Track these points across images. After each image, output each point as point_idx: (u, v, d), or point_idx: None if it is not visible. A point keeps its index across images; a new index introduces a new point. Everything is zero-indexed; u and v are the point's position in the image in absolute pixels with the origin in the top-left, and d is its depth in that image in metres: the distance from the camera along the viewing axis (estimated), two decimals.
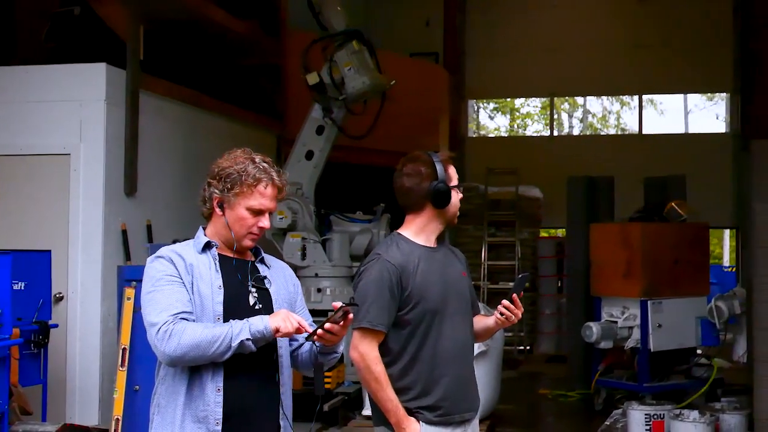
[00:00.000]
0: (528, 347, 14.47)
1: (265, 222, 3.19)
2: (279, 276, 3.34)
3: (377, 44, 9.48)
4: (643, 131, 18.37)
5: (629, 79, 17.51)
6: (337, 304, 3.05)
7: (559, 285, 14.50)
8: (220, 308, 3.09)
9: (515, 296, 3.70)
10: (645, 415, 7.98)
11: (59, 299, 7.41)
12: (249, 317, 3.05)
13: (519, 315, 3.75)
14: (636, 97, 19.10)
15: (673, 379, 9.54)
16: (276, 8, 11.80)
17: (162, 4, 8.80)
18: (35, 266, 6.71)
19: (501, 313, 3.73)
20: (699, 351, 9.98)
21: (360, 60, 9.12)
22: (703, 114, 23.53)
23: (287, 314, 3.05)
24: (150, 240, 8.18)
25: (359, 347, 3.58)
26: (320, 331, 3.05)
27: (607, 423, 8.47)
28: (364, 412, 8.15)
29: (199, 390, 3.04)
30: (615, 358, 9.75)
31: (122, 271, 6.61)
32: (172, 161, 8.90)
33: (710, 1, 16.83)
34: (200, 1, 9.41)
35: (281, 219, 8.76)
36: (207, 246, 3.20)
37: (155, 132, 8.45)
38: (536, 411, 10.59)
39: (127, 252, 7.82)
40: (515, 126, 25.23)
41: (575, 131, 23.77)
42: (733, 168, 16.67)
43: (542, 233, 17.34)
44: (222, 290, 3.12)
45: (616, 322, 9.36)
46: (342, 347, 3.30)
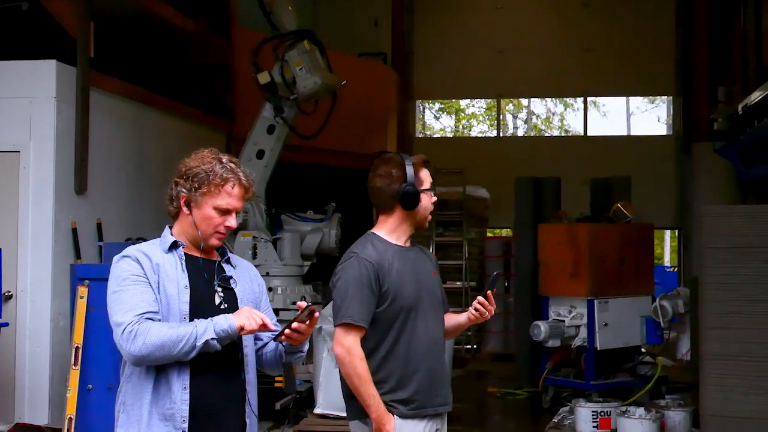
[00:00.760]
0: (475, 346, 14.60)
1: (232, 221, 3.22)
2: (244, 276, 3.37)
3: (326, 44, 9.50)
4: (588, 132, 18.67)
5: (575, 82, 17.76)
6: (303, 304, 3.11)
7: (506, 284, 14.66)
8: (186, 308, 3.11)
9: (489, 293, 3.80)
10: (592, 412, 8.15)
11: (8, 298, 7.32)
12: (214, 316, 3.08)
13: (492, 311, 3.85)
14: (579, 100, 19.39)
15: (619, 377, 9.71)
16: (224, 6, 11.76)
17: (112, 1, 8.73)
18: None
19: (476, 309, 3.83)
20: (643, 349, 10.16)
21: (311, 60, 9.14)
22: (645, 116, 23.97)
23: (250, 312, 3.08)
24: (100, 238, 8.11)
25: (344, 343, 3.65)
26: (287, 331, 3.10)
27: (555, 420, 8.63)
28: (316, 410, 8.17)
29: (166, 388, 3.06)
30: (562, 357, 9.90)
31: (75, 270, 6.55)
32: (123, 160, 8.83)
33: (653, 6, 17.15)
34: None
35: None
36: (173, 245, 3.22)
37: (105, 130, 8.38)
38: (485, 409, 10.70)
39: (78, 250, 7.74)
40: (460, 126, 25.42)
41: (519, 132, 24.04)
42: (676, 170, 17.00)
43: (489, 233, 17.52)
44: (188, 290, 3.14)
45: (564, 321, 9.50)
46: (307, 346, 3.34)
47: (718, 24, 15.25)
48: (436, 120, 24.32)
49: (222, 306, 3.19)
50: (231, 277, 3.30)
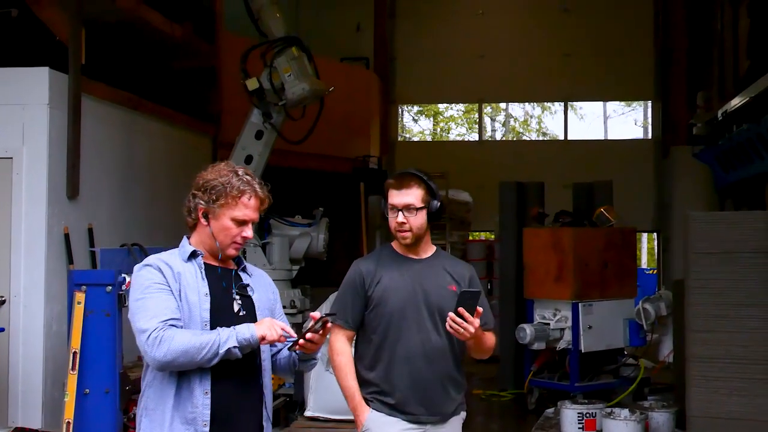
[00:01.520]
0: None
1: (249, 232, 3.34)
2: (260, 284, 3.50)
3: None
4: (567, 137, 18.87)
5: (555, 87, 17.95)
6: (316, 315, 3.24)
7: (489, 287, 14.79)
8: (207, 315, 3.23)
9: (461, 310, 3.74)
10: (578, 414, 8.25)
11: (1, 303, 7.37)
12: (233, 323, 3.20)
13: (470, 329, 3.76)
14: (557, 102, 19.58)
15: (603, 379, 9.87)
16: (211, 12, 11.82)
17: (99, 7, 8.78)
18: None
19: (450, 326, 3.80)
20: (626, 351, 10.33)
21: (299, 66, 9.23)
22: (621, 119, 24.18)
23: (272, 322, 3.21)
24: (91, 243, 8.16)
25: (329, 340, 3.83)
26: (301, 341, 3.22)
27: (541, 421, 8.74)
28: (306, 413, 8.25)
29: (188, 393, 3.17)
30: (546, 359, 10.04)
31: (72, 276, 6.61)
32: (112, 165, 8.88)
33: (633, 12, 17.37)
34: (137, 5, 9.40)
35: None
36: (192, 255, 3.33)
37: (96, 136, 8.43)
38: (470, 410, 10.76)
39: (70, 255, 7.80)
40: (438, 129, 25.52)
41: (498, 135, 24.20)
42: (654, 173, 17.21)
43: (471, 236, 17.65)
44: (209, 298, 3.26)
45: (549, 324, 9.64)
46: (319, 353, 3.46)
47: (696, 30, 15.48)
48: (415, 123, 24.42)
49: (240, 313, 3.32)
50: (248, 285, 3.42)
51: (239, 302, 3.34)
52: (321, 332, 3.24)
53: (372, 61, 17.28)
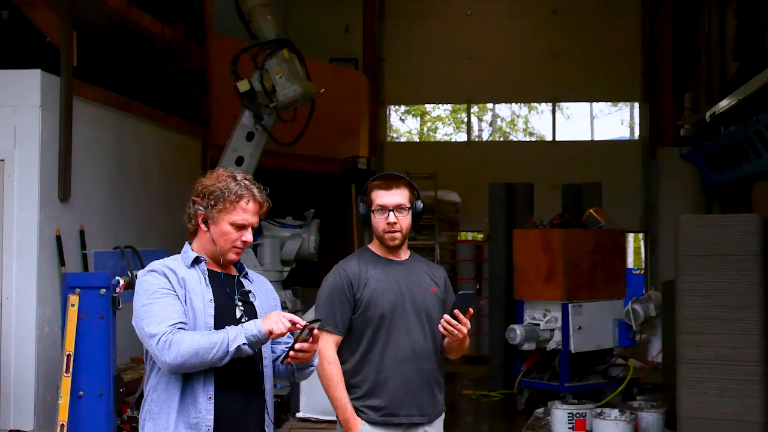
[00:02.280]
0: None
1: (248, 236, 3.37)
2: (261, 290, 3.52)
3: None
4: (550, 137, 18.95)
5: (543, 87, 18.03)
6: (301, 323, 3.21)
7: (478, 287, 14.85)
8: (212, 320, 3.25)
9: (456, 312, 3.79)
10: (568, 414, 8.31)
11: None
12: (244, 323, 3.22)
13: (464, 330, 3.82)
14: (545, 103, 19.63)
15: (592, 379, 9.93)
16: (201, 13, 11.82)
17: (90, 9, 8.78)
18: None
19: (444, 328, 3.84)
20: (615, 352, 10.39)
21: (290, 68, 9.24)
22: (608, 119, 24.23)
23: (279, 315, 3.20)
24: (83, 245, 8.17)
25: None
26: (292, 353, 3.23)
27: (531, 422, 8.80)
28: (299, 414, 8.29)
29: (192, 398, 3.19)
30: (536, 360, 10.09)
31: (66, 278, 6.61)
32: (103, 167, 8.88)
33: (621, 14, 17.47)
34: (127, 6, 9.40)
35: None
36: (195, 261, 3.35)
37: (87, 138, 8.43)
38: (460, 411, 10.86)
39: (62, 258, 7.80)
40: (426, 129, 25.53)
41: (485, 135, 24.24)
42: (642, 174, 17.30)
43: (460, 237, 17.70)
44: (213, 303, 3.28)
45: (539, 325, 9.69)
46: (317, 359, 3.48)
47: (683, 32, 15.59)
48: (402, 122, 24.43)
49: (243, 319, 3.33)
50: (250, 292, 3.45)
51: (241, 308, 3.36)
52: (310, 340, 3.23)
53: (361, 62, 17.31)
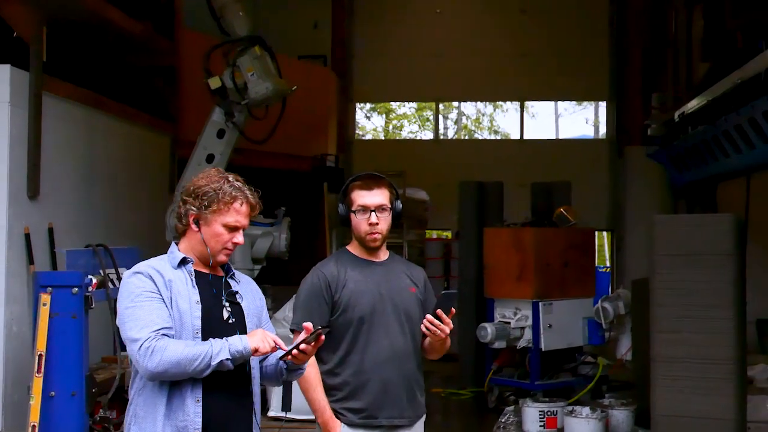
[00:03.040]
0: None
1: (239, 238, 3.36)
2: (248, 291, 3.50)
3: None
4: (516, 135, 19.03)
5: (512, 86, 18.08)
6: (310, 326, 3.24)
7: (446, 286, 14.88)
8: (199, 322, 3.22)
9: (439, 312, 3.80)
10: (539, 412, 8.37)
11: None
12: (223, 331, 3.21)
13: (446, 330, 3.83)
14: (513, 101, 19.71)
15: (562, 377, 9.98)
16: (170, 9, 11.72)
17: (60, 4, 8.67)
18: None
19: (427, 328, 3.84)
20: (584, 350, 10.46)
21: (262, 65, 9.20)
22: (573, 118, 24.40)
23: (264, 334, 3.21)
24: (52, 243, 8.06)
25: None
26: (295, 351, 3.23)
27: (502, 420, 8.84)
28: (270, 413, 8.27)
29: (179, 401, 3.16)
30: (506, 358, 10.13)
31: (38, 277, 6.52)
32: (73, 164, 8.78)
33: (589, 14, 17.57)
34: (97, 1, 9.30)
35: None
36: (183, 261, 3.32)
37: (56, 134, 8.33)
38: (430, 409, 10.80)
39: (31, 256, 7.70)
40: (391, 127, 25.55)
41: (450, 133, 24.32)
42: (609, 173, 17.42)
43: (428, 234, 17.73)
44: (200, 305, 3.25)
45: (509, 323, 9.73)
46: (307, 363, 3.46)
47: (651, 32, 15.72)
48: (368, 120, 24.44)
49: (230, 321, 3.31)
50: (237, 293, 3.42)
51: (228, 309, 3.34)
52: (313, 344, 3.24)
53: (329, 59, 17.26)
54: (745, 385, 6.43)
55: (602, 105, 19.37)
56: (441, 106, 20.63)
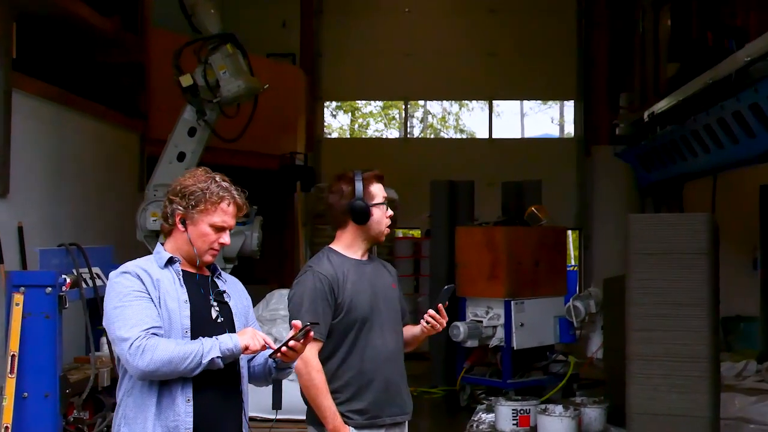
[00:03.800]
0: None
1: (226, 238, 3.34)
2: (235, 290, 3.49)
3: None
4: (484, 135, 19.08)
5: (480, 85, 18.12)
6: (298, 324, 3.22)
7: (416, 284, 14.90)
8: (188, 322, 3.20)
9: (440, 306, 3.87)
10: (512, 410, 8.37)
11: None
12: (212, 330, 3.19)
13: (444, 324, 3.94)
14: (482, 101, 19.75)
15: (533, 376, 10.03)
16: (140, 6, 11.63)
17: (30, 0, 8.57)
18: None
19: (427, 322, 3.92)
20: (555, 348, 10.52)
21: (234, 63, 9.13)
22: (538, 117, 24.48)
23: (254, 332, 3.19)
24: (21, 242, 7.96)
25: (302, 355, 3.73)
26: (284, 349, 3.21)
27: (475, 418, 8.84)
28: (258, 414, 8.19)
29: (169, 401, 3.13)
30: (478, 356, 10.16)
31: (10, 277, 6.42)
32: (43, 162, 8.69)
33: (557, 14, 17.64)
34: None
35: (154, 221, 8.67)
36: (169, 261, 3.29)
37: (26, 132, 8.23)
38: None
39: (0, 254, 7.59)
40: (357, 126, 25.50)
41: (416, 131, 24.32)
42: (576, 172, 17.52)
43: (398, 233, 17.72)
44: (188, 304, 3.23)
45: (482, 322, 9.76)
46: (296, 362, 3.44)
47: (618, 32, 15.84)
48: (333, 118, 24.38)
49: (218, 320, 3.30)
50: (224, 292, 3.41)
51: (216, 309, 3.33)
52: (302, 341, 3.22)
53: (298, 58, 17.20)
54: (719, 383, 6.51)
55: (567, 104, 19.47)
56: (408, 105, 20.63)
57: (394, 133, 23.16)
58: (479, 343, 9.79)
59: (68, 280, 6.26)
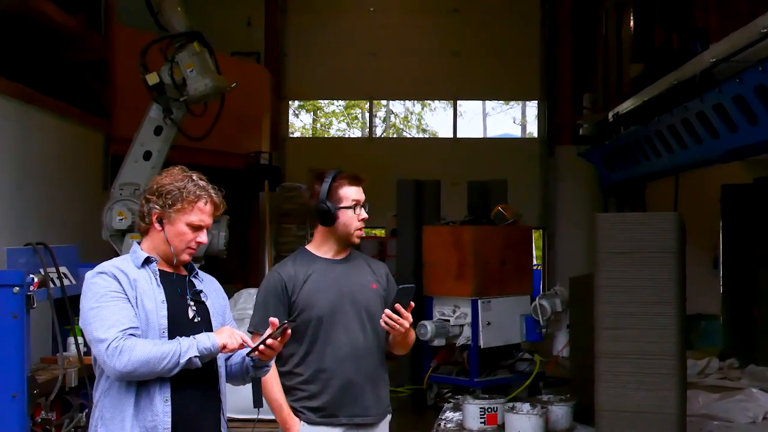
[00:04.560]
0: None
1: (203, 237, 3.31)
2: (211, 289, 3.47)
3: None
4: (447, 134, 19.14)
5: (445, 85, 18.19)
6: (276, 321, 3.22)
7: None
8: (165, 321, 3.19)
9: (398, 306, 3.80)
10: (480, 409, 8.39)
11: None
12: (189, 330, 3.18)
13: (405, 324, 3.84)
14: (446, 101, 19.81)
15: (499, 374, 10.06)
16: (104, 3, 11.51)
17: None
18: None
19: (386, 323, 3.84)
20: (522, 347, 10.56)
21: (201, 62, 9.10)
22: (500, 117, 24.63)
23: (232, 331, 3.20)
24: None
25: None
26: (262, 347, 3.20)
27: (442, 417, 8.86)
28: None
29: (147, 401, 3.12)
30: (445, 355, 10.18)
31: None
32: (6, 160, 8.57)
33: (521, 15, 17.78)
34: None
35: (121, 220, 8.61)
36: (146, 261, 3.27)
37: None
38: None
39: None
40: (319, 125, 25.48)
41: (378, 131, 24.36)
42: (540, 171, 17.63)
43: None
44: (165, 304, 3.21)
45: (448, 321, 9.77)
46: (273, 360, 3.44)
47: (582, 33, 15.95)
48: (296, 117, 24.33)
49: (195, 320, 3.29)
50: (201, 291, 3.39)
51: (194, 308, 3.32)
52: (279, 339, 3.23)
53: (263, 56, 17.16)
54: (685, 380, 6.58)
55: (529, 104, 19.60)
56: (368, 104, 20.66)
57: (357, 133, 23.17)
58: (446, 342, 9.80)
59: (36, 280, 6.18)
